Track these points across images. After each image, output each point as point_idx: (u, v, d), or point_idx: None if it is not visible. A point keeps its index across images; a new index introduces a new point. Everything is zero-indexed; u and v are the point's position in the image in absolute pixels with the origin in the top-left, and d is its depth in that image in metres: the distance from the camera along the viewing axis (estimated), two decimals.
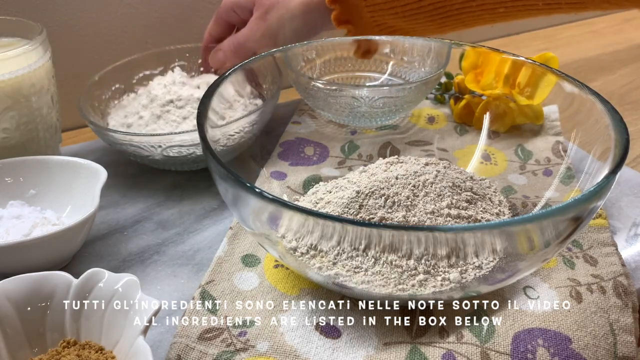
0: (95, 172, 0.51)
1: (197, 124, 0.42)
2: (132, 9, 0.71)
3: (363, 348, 0.40)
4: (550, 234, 0.37)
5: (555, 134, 0.61)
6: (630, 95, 0.80)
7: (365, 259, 0.41)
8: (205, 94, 0.46)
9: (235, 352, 0.39)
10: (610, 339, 0.41)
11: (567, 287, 0.44)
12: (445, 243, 0.36)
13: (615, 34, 1.02)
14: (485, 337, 0.40)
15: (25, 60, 0.53)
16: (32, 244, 0.43)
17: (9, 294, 0.38)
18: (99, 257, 0.49)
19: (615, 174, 0.37)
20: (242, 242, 0.49)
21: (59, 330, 0.39)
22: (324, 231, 0.36)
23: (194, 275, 0.48)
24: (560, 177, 0.52)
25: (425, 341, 0.40)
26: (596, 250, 0.48)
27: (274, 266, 0.47)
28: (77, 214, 0.51)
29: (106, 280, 0.39)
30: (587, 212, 0.37)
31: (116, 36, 0.71)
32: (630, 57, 0.92)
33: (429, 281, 0.40)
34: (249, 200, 0.37)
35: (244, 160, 0.53)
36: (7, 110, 0.53)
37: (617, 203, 0.55)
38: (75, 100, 0.59)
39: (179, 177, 0.60)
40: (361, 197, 0.46)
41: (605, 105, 0.44)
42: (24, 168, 0.52)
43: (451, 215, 0.45)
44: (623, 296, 0.44)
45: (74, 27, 0.68)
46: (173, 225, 0.54)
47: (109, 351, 0.38)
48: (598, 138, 0.44)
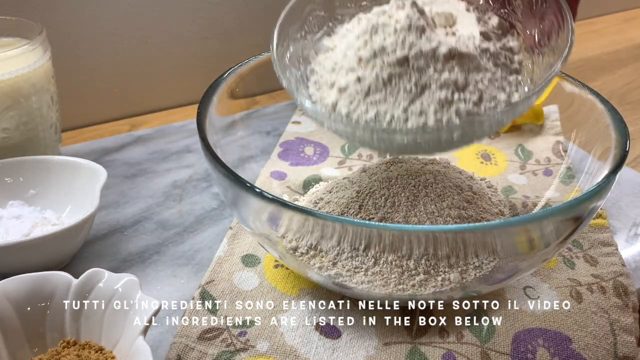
0: (95, 172, 0.51)
1: (197, 124, 0.42)
2: (132, 9, 0.71)
3: (363, 348, 0.40)
4: (550, 234, 0.37)
5: (555, 134, 0.61)
6: (630, 95, 0.80)
7: (365, 259, 0.41)
8: (205, 94, 0.46)
9: (235, 352, 0.39)
10: (610, 339, 0.41)
11: (568, 287, 0.44)
12: (445, 243, 0.36)
13: (615, 34, 1.02)
14: (486, 337, 0.40)
15: (25, 60, 0.53)
16: (32, 244, 0.43)
17: (9, 294, 0.38)
18: (99, 257, 0.49)
19: (616, 174, 0.37)
20: (242, 242, 0.49)
21: (58, 330, 0.39)
22: (324, 231, 0.36)
23: (194, 275, 0.48)
24: (560, 177, 0.52)
25: (425, 341, 0.40)
26: (596, 250, 0.48)
27: (274, 266, 0.47)
28: (77, 214, 0.51)
29: (106, 280, 0.39)
30: (588, 212, 0.37)
31: (116, 36, 0.71)
32: (630, 57, 0.92)
33: (429, 281, 0.40)
34: (249, 200, 0.37)
35: (244, 160, 0.53)
36: (7, 110, 0.53)
37: (617, 203, 0.55)
38: (75, 100, 0.59)
39: (179, 177, 0.60)
40: (361, 197, 0.46)
41: (606, 105, 0.44)
42: (24, 168, 0.52)
43: (451, 216, 0.45)
44: (623, 296, 0.44)
45: (74, 27, 0.68)
46: (173, 225, 0.54)
47: (109, 351, 0.38)
48: (598, 138, 0.44)
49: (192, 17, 0.75)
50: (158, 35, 0.74)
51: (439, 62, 0.37)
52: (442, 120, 0.36)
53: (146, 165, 0.63)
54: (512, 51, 0.40)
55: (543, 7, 0.39)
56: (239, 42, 0.79)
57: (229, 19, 0.77)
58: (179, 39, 0.75)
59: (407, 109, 0.37)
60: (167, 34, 0.74)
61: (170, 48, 0.75)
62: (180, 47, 0.76)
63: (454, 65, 0.37)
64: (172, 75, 0.77)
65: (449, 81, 0.37)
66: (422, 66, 0.37)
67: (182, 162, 0.63)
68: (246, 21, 0.79)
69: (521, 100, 0.37)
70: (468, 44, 0.38)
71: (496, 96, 0.38)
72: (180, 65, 0.77)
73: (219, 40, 0.78)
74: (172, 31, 0.75)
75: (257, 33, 0.80)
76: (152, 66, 0.75)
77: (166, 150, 0.65)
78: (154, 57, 0.75)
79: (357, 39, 0.40)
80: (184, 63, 0.77)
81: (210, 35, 0.77)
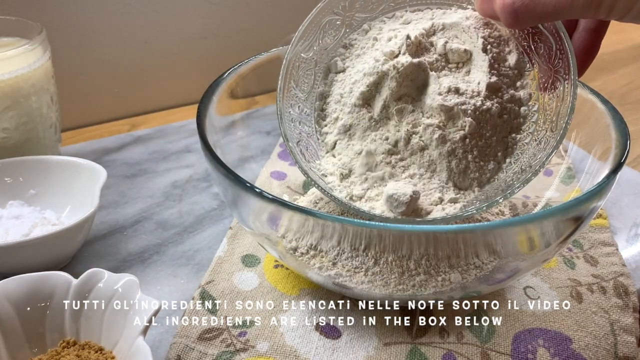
0: (95, 172, 0.51)
1: (197, 123, 0.42)
2: (132, 9, 0.71)
3: (363, 348, 0.40)
4: (550, 234, 0.36)
5: None
6: (630, 95, 0.80)
7: (365, 259, 0.41)
8: (205, 94, 0.45)
9: (235, 353, 0.39)
10: (610, 339, 0.41)
11: (568, 287, 0.44)
12: (446, 243, 0.36)
13: (615, 34, 1.02)
14: (486, 337, 0.40)
15: (24, 60, 0.53)
16: (32, 244, 0.43)
17: (8, 294, 0.38)
18: (98, 257, 0.49)
19: (616, 173, 0.37)
20: (242, 242, 0.49)
21: (58, 331, 0.39)
22: (324, 231, 0.36)
23: (193, 275, 0.48)
24: (560, 177, 0.52)
25: (425, 341, 0.40)
26: (597, 251, 0.48)
27: (274, 266, 0.47)
28: (77, 214, 0.51)
29: (106, 280, 0.39)
30: (588, 212, 0.37)
31: (116, 36, 0.71)
32: (630, 57, 0.92)
33: (429, 281, 0.40)
34: (249, 200, 0.37)
35: (244, 160, 0.52)
36: (7, 110, 0.53)
37: (617, 203, 0.55)
38: (75, 100, 0.59)
39: (178, 177, 0.60)
40: None
41: (606, 105, 0.44)
42: (24, 168, 0.52)
43: None
44: (623, 296, 0.44)
45: (74, 27, 0.68)
46: (173, 225, 0.54)
47: (109, 351, 0.38)
48: (598, 138, 0.44)
49: (192, 17, 0.75)
50: (158, 35, 0.74)
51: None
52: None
53: (146, 165, 0.63)
54: (520, 102, 0.40)
55: (558, 63, 0.39)
56: (239, 42, 0.79)
57: (229, 19, 0.77)
58: (179, 39, 0.75)
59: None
60: (167, 34, 0.74)
61: (170, 48, 0.75)
62: (180, 47, 0.76)
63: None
64: (172, 75, 0.77)
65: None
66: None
67: (182, 162, 0.63)
68: (246, 21, 0.79)
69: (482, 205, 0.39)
70: (468, 106, 0.39)
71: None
72: (180, 65, 0.77)
73: (219, 40, 0.78)
74: (172, 31, 0.74)
75: (257, 33, 0.80)
76: (152, 66, 0.75)
77: (166, 150, 0.65)
78: (154, 57, 0.75)
79: (363, 78, 0.42)
80: (184, 63, 0.77)
81: (210, 35, 0.77)
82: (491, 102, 0.39)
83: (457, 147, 0.39)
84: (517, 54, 0.40)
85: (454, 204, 0.39)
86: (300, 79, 0.45)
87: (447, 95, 0.39)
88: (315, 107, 0.45)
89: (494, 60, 0.40)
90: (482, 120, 0.39)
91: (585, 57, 0.40)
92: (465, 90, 0.39)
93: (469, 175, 0.40)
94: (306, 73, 0.45)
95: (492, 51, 0.40)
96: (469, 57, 0.40)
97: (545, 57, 0.39)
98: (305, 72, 0.45)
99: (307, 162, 0.43)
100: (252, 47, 0.77)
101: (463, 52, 0.40)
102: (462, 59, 0.41)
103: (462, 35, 0.41)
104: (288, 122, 0.44)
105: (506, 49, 0.40)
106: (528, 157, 0.39)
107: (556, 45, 0.39)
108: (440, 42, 0.41)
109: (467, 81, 0.40)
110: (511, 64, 0.40)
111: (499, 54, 0.40)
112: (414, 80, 0.40)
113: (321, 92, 0.45)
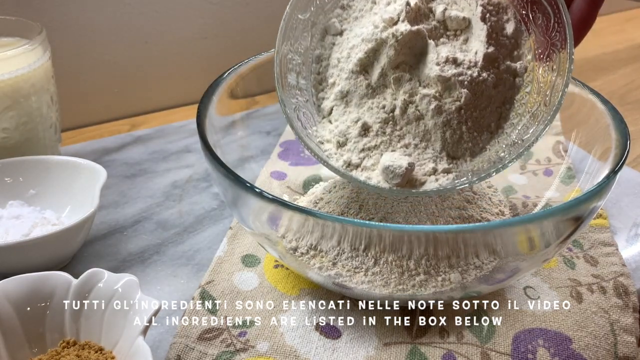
0: (95, 172, 0.51)
1: (197, 123, 0.42)
2: (132, 9, 0.71)
3: (363, 348, 0.40)
4: (550, 234, 0.36)
5: (555, 133, 0.61)
6: (630, 95, 0.80)
7: (365, 259, 0.41)
8: (205, 94, 0.45)
9: (235, 353, 0.39)
10: (610, 339, 0.41)
11: (568, 287, 0.44)
12: (446, 243, 0.36)
13: (615, 34, 1.02)
14: (486, 337, 0.40)
15: (24, 60, 0.52)
16: (32, 244, 0.43)
17: (8, 294, 0.38)
18: (98, 257, 0.49)
19: (616, 173, 0.37)
20: (242, 242, 0.49)
21: (58, 331, 0.39)
22: (324, 231, 0.36)
23: (193, 275, 0.48)
24: (560, 177, 0.52)
25: (425, 341, 0.40)
26: (597, 251, 0.48)
27: (274, 266, 0.47)
28: (77, 214, 0.51)
29: (106, 280, 0.39)
30: (588, 212, 0.37)
31: (116, 36, 0.71)
32: (630, 57, 0.92)
33: (429, 281, 0.40)
34: (248, 200, 0.37)
35: (244, 160, 0.52)
36: (7, 110, 0.53)
37: (617, 203, 0.55)
38: (75, 100, 0.59)
39: (178, 177, 0.60)
40: (361, 197, 0.45)
41: (606, 105, 0.44)
42: (24, 168, 0.52)
43: (451, 216, 0.45)
44: (623, 296, 0.44)
45: (74, 27, 0.68)
46: (173, 225, 0.53)
47: (109, 351, 0.38)
48: (598, 138, 0.44)
49: (192, 17, 0.75)
50: (158, 35, 0.74)
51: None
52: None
53: (146, 165, 0.63)
54: (515, 73, 0.40)
55: (555, 36, 0.39)
56: (239, 42, 0.79)
57: (229, 19, 0.77)
58: (179, 39, 0.75)
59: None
60: (167, 34, 0.74)
61: (170, 48, 0.75)
62: (180, 47, 0.76)
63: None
64: (172, 75, 0.77)
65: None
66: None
67: (182, 162, 0.63)
68: (246, 21, 0.79)
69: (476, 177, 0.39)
70: (465, 76, 0.39)
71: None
72: (180, 65, 0.77)
73: (219, 40, 0.78)
74: (172, 31, 0.74)
75: (257, 33, 0.80)
76: (152, 66, 0.75)
77: (166, 150, 0.65)
78: (154, 57, 0.75)
79: (361, 44, 0.41)
80: (184, 63, 0.77)
81: (210, 35, 0.77)
82: (487, 73, 0.39)
83: (452, 117, 0.39)
84: (515, 22, 0.40)
85: (447, 174, 0.39)
86: (297, 41, 0.44)
87: (445, 65, 0.39)
88: (312, 70, 0.44)
89: (492, 29, 0.40)
90: (477, 92, 0.39)
91: (582, 26, 0.40)
92: (463, 60, 0.39)
93: (462, 145, 0.40)
94: (302, 35, 0.44)
95: (490, 20, 0.40)
96: (467, 24, 0.40)
97: (543, 28, 0.39)
98: (301, 34, 0.44)
99: (304, 128, 0.42)
100: (252, 47, 0.77)
101: (462, 19, 0.40)
102: (461, 27, 0.40)
103: (461, 2, 0.41)
104: (286, 88, 0.43)
105: (504, 17, 0.40)
106: (520, 129, 0.40)
107: (554, 18, 0.39)
108: (439, 8, 0.40)
109: (465, 50, 0.40)
110: (509, 33, 0.40)
111: (497, 22, 0.40)
112: (412, 48, 0.40)
113: (318, 54, 0.44)
